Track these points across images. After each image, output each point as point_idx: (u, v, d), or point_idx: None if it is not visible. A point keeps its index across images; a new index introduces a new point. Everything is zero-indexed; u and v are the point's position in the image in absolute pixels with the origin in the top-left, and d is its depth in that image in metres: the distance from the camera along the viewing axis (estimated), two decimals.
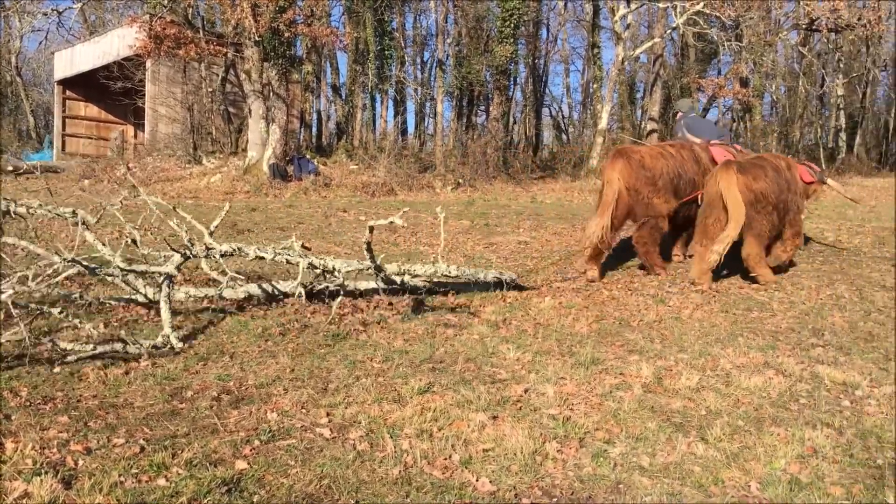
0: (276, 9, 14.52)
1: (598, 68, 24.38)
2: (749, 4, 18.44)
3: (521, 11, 20.86)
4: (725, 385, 4.42)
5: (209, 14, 23.75)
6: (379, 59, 24.19)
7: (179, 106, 20.07)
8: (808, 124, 29.17)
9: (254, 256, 5.69)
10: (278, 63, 15.88)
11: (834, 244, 9.40)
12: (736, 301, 6.62)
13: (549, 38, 33.41)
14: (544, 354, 4.95)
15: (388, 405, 3.98)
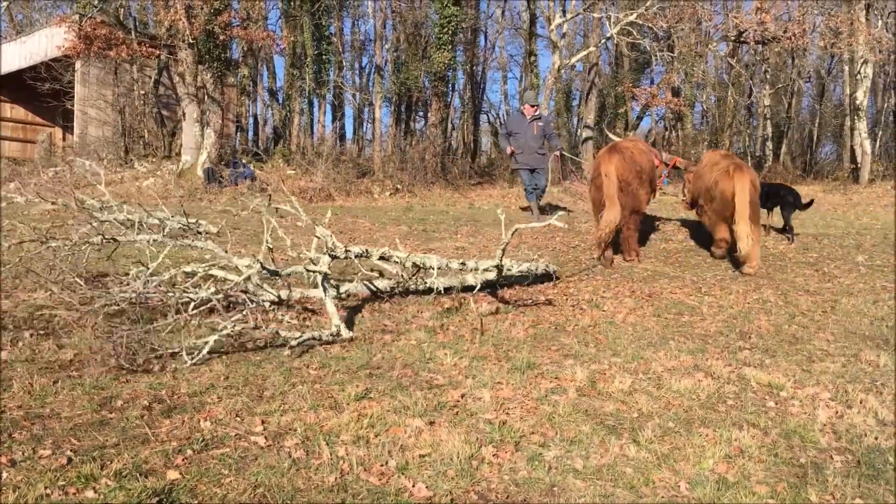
0: (212, 11, 14.32)
1: (534, 76, 24.66)
2: (680, 16, 18.89)
3: (459, 18, 20.98)
4: (657, 388, 4.52)
5: (142, 15, 23.28)
6: (317, 63, 24.03)
7: (110, 108, 19.60)
8: (737, 133, 29.99)
9: (378, 257, 6.14)
10: (213, 66, 15.65)
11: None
12: (667, 305, 6.78)
13: (486, 45, 33.67)
14: (481, 359, 4.99)
15: (324, 412, 3.96)
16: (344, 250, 5.95)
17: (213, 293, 5.30)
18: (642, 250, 9.24)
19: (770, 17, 18.40)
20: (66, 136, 24.30)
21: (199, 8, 14.03)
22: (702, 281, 7.84)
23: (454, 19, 20.53)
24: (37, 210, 10.54)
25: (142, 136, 19.94)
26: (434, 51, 21.30)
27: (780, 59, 27.17)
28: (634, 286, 7.45)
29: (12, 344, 4.87)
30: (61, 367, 4.53)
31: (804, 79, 29.05)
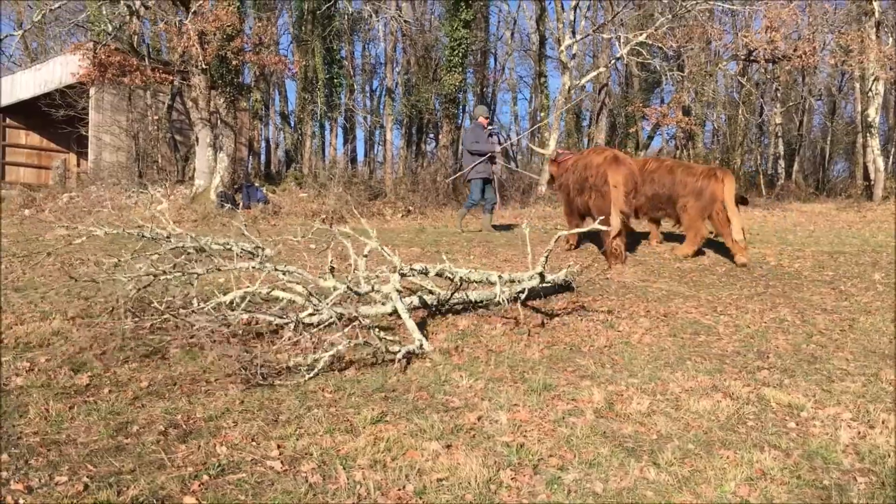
0: (224, 37, 14.45)
1: (545, 97, 24.74)
2: (690, 35, 18.93)
3: (469, 41, 21.12)
4: (675, 409, 4.47)
5: (154, 42, 23.55)
6: (328, 87, 24.21)
7: (124, 134, 19.77)
8: (749, 151, 29.96)
9: (434, 273, 6.50)
10: (226, 91, 15.78)
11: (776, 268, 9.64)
12: (683, 325, 6.73)
13: (496, 67, 33.87)
14: (497, 381, 4.95)
15: (340, 436, 3.94)
16: (409, 269, 6.27)
17: (335, 314, 5.47)
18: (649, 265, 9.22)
19: (780, 36, 18.40)
20: (80, 161, 24.50)
21: (212, 34, 14.16)
22: (717, 300, 7.79)
23: (464, 42, 20.67)
24: (51, 235, 10.61)
25: (155, 161, 20.09)
26: (444, 73, 21.42)
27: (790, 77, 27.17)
28: (649, 306, 7.40)
29: (29, 370, 4.88)
30: (77, 392, 4.53)
31: (815, 97, 29.05)
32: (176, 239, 6.32)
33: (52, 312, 6.31)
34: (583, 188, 9.75)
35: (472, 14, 21.12)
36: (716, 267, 9.64)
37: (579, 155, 10.74)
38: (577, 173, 9.99)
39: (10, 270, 8.08)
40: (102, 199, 15.54)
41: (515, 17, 34.33)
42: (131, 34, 16.99)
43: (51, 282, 7.61)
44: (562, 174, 10.84)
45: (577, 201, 10.06)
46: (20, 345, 5.44)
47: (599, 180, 9.33)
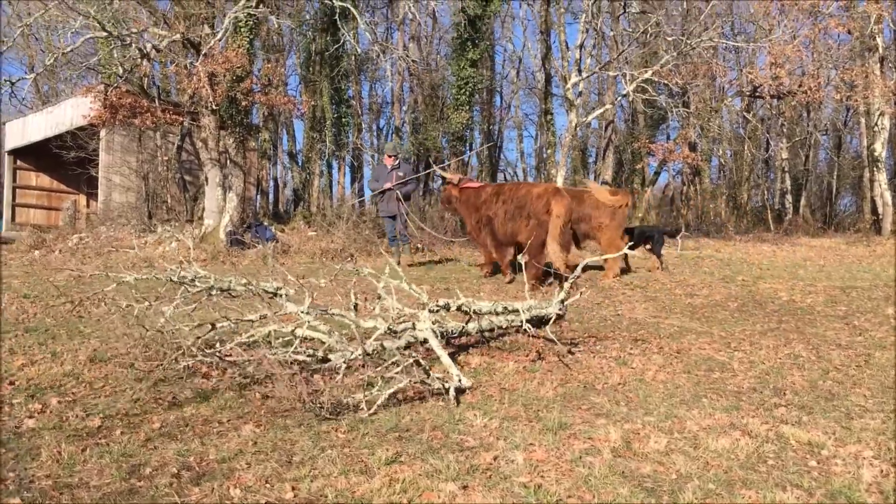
0: (234, 78, 14.61)
1: (551, 134, 24.89)
2: (695, 72, 19.07)
3: (476, 80, 21.30)
4: (694, 447, 4.41)
5: (164, 83, 23.82)
6: (336, 126, 24.41)
7: (134, 175, 19.92)
8: (755, 186, 30.01)
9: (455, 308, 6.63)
10: (235, 131, 15.91)
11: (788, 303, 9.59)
12: (697, 362, 6.67)
13: (502, 104, 34.14)
14: (511, 420, 4.90)
15: (355, 477, 3.89)
16: (435, 305, 6.36)
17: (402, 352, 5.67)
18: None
19: (785, 72, 18.52)
20: (90, 202, 24.66)
21: (222, 75, 14.32)
22: (730, 336, 7.74)
23: (471, 80, 20.86)
24: (62, 276, 10.63)
25: (164, 201, 20.20)
26: (451, 111, 21.59)
27: (795, 112, 27.31)
28: (662, 342, 7.35)
29: (40, 412, 4.85)
30: (89, 434, 4.50)
31: (821, 131, 29.15)
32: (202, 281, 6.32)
33: (63, 353, 6.29)
34: (515, 216, 10.51)
35: (479, 53, 21.36)
36: (728, 302, 9.59)
37: (496, 186, 11.80)
38: (507, 203, 10.74)
39: (21, 311, 8.08)
40: (112, 240, 15.59)
41: (521, 56, 34.70)
42: (142, 76, 17.19)
43: (92, 324, 7.61)
44: (479, 202, 11.36)
45: (506, 228, 10.74)
46: (31, 386, 5.42)
47: (541, 210, 10.19)
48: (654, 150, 21.91)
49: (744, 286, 10.84)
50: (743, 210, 27.06)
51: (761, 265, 13.81)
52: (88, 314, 8.03)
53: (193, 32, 15.05)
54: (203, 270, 6.53)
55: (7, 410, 4.89)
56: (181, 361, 5.65)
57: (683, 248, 16.79)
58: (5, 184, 24.24)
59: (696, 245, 18.27)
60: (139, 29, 14.90)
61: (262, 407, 5.13)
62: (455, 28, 21.39)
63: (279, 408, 5.12)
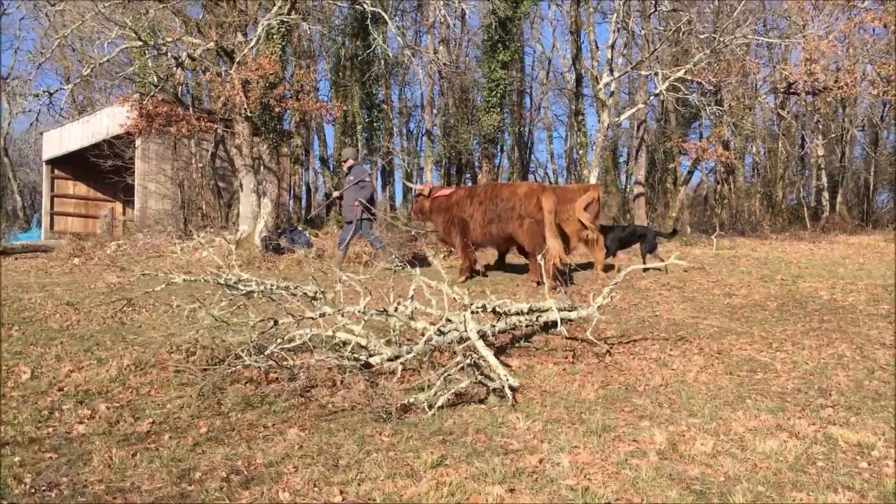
0: (267, 85, 14.72)
1: (582, 135, 24.77)
2: (728, 70, 18.85)
3: (507, 82, 21.28)
4: (741, 449, 4.37)
5: (196, 91, 24.09)
6: (367, 130, 24.51)
7: (170, 182, 20.16)
8: (790, 184, 29.60)
9: (491, 309, 6.60)
10: (269, 137, 16.02)
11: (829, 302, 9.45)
12: (738, 363, 6.61)
13: (532, 106, 34.05)
14: (554, 423, 4.89)
15: (401, 480, 3.90)
16: (476, 306, 6.42)
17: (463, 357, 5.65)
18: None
19: (820, 68, 18.24)
20: (126, 210, 24.98)
21: (256, 82, 14.43)
22: (771, 336, 7.65)
23: (502, 82, 20.85)
24: (103, 283, 10.79)
25: (199, 208, 20.41)
26: (483, 114, 21.58)
27: (830, 108, 26.89)
28: (702, 343, 7.29)
29: (90, 417, 4.94)
30: (138, 439, 4.57)
31: (857, 127, 28.67)
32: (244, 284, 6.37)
33: (108, 359, 6.39)
34: (504, 218, 10.59)
35: (510, 55, 21.33)
36: (767, 302, 9.48)
37: (468, 188, 12.03)
38: (485, 204, 10.83)
39: (65, 318, 8.21)
40: (149, 247, 15.79)
41: (550, 56, 34.60)
42: (176, 85, 17.39)
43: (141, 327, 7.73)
44: (450, 207, 11.41)
45: (489, 229, 10.80)
46: (79, 392, 5.51)
47: (534, 208, 10.32)
48: (687, 148, 21.71)
49: (783, 285, 10.70)
50: (778, 208, 26.70)
51: (799, 264, 13.62)
52: (131, 321, 8.15)
53: (227, 40, 15.20)
54: (245, 274, 6.58)
55: (57, 416, 4.98)
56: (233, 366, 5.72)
57: (719, 248, 16.62)
58: (44, 193, 24.65)
59: (732, 244, 18.05)
60: (174, 38, 15.08)
61: (305, 411, 5.17)
62: (485, 30, 21.39)
63: (323, 412, 5.16)
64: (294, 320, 6.09)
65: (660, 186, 28.94)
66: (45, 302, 8.95)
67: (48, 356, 6.49)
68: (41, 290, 9.88)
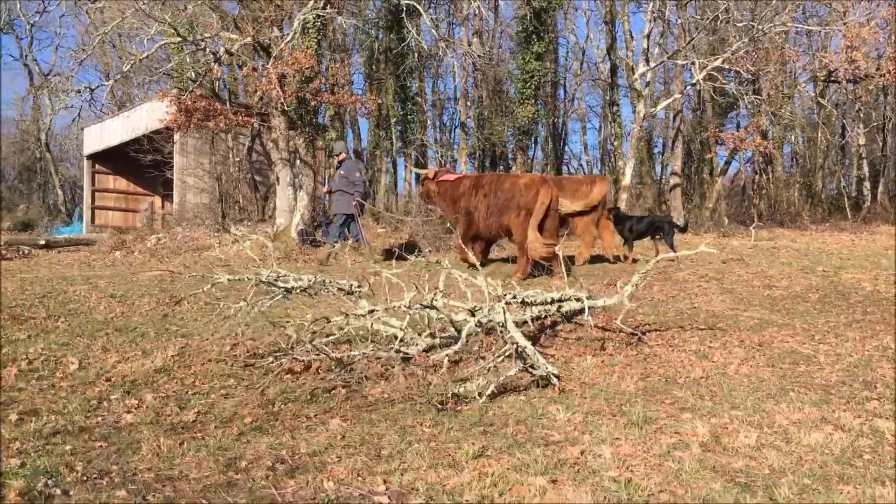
0: (303, 79, 14.82)
1: (617, 125, 24.59)
2: (767, 58, 18.58)
3: (541, 73, 21.19)
4: (786, 442, 4.33)
5: (232, 85, 24.33)
6: (402, 123, 24.57)
7: (207, 176, 20.41)
8: (830, 174, 29.12)
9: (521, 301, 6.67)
10: (305, 131, 16.14)
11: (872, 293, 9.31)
12: (780, 355, 6.54)
13: (566, 97, 33.88)
14: (595, 414, 4.89)
15: (444, 471, 3.93)
16: (511, 297, 6.46)
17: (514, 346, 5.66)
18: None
19: (861, 55, 17.90)
20: (164, 203, 25.35)
21: (292, 76, 14.54)
22: (813, 328, 7.55)
23: (536, 74, 20.77)
24: (145, 276, 10.98)
25: (237, 202, 20.64)
26: (517, 106, 21.53)
27: (871, 96, 26.38)
28: (742, 335, 7.23)
29: (137, 407, 5.04)
30: (184, 428, 4.65)
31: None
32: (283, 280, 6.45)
33: (152, 351, 6.51)
34: (504, 210, 10.56)
35: (544, 46, 21.24)
36: (809, 294, 9.36)
37: (475, 177, 11.81)
38: (489, 196, 10.77)
39: (109, 311, 8.38)
40: (188, 240, 16.00)
41: (584, 47, 34.37)
42: (213, 80, 17.58)
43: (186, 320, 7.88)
44: (457, 195, 11.37)
45: (490, 222, 10.75)
46: (126, 382, 5.63)
47: (531, 200, 10.31)
48: (725, 138, 21.46)
49: (824, 277, 10.56)
50: (818, 198, 26.29)
51: (841, 255, 13.43)
52: (173, 313, 8.29)
53: (263, 35, 15.33)
54: (283, 270, 6.66)
55: (106, 406, 5.09)
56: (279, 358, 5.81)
57: (757, 239, 16.43)
58: (85, 187, 25.11)
59: (771, 235, 17.84)
60: (211, 34, 15.24)
61: (346, 402, 5.23)
62: (520, 21, 21.31)
63: (363, 403, 5.21)
64: (340, 315, 6.17)
65: (696, 177, 28.64)
66: (90, 294, 9.14)
67: (95, 347, 6.64)
68: (85, 282, 10.09)
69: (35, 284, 9.92)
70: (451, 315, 6.18)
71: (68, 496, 3.58)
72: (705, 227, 19.57)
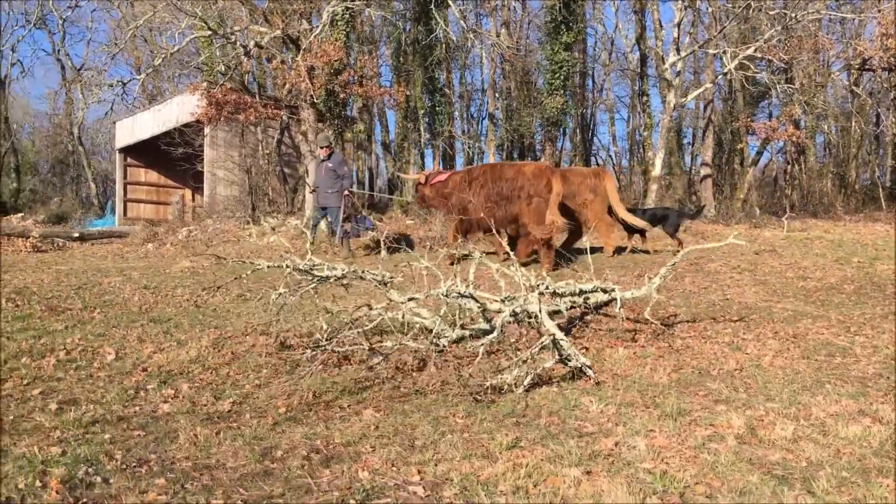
0: (332, 71, 14.89)
1: (647, 116, 24.37)
2: (800, 46, 18.31)
3: (570, 63, 21.06)
4: (823, 435, 4.28)
5: (260, 78, 24.47)
6: (430, 115, 24.55)
7: (237, 168, 20.57)
8: (864, 164, 28.62)
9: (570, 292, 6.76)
10: (334, 123, 16.24)
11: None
12: (815, 347, 6.46)
13: (594, 87, 33.64)
14: (628, 406, 4.86)
15: (478, 461, 3.94)
16: (544, 287, 6.42)
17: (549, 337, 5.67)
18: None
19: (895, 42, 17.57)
20: (195, 196, 25.60)
21: (321, 69, 14.61)
22: (849, 320, 7.45)
23: (565, 64, 20.64)
24: (177, 267, 11.10)
25: (266, 194, 20.79)
26: (546, 97, 21.42)
27: None
28: (776, 327, 7.15)
29: (173, 397, 5.11)
30: (220, 417, 4.71)
31: None
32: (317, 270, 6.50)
33: (187, 341, 6.59)
34: (511, 199, 10.53)
35: (573, 36, 21.10)
36: (844, 285, 9.24)
37: (464, 171, 11.88)
38: (487, 186, 10.76)
39: (143, 302, 8.49)
40: (219, 232, 16.15)
41: (612, 37, 34.09)
42: (242, 73, 17.70)
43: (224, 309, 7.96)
44: (446, 192, 11.41)
45: (495, 212, 10.63)
46: (162, 372, 5.70)
47: (543, 189, 10.37)
48: (756, 128, 21.19)
49: (860, 268, 10.41)
50: (851, 188, 25.86)
51: (876, 246, 13.21)
52: (206, 304, 8.38)
53: (292, 28, 15.41)
54: (318, 259, 6.70)
55: (143, 395, 5.17)
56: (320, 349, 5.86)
57: (790, 230, 16.22)
58: (117, 180, 25.42)
59: (804, 226, 17.60)
60: (241, 27, 15.35)
61: (379, 392, 5.26)
62: (549, 11, 21.16)
63: (395, 394, 5.24)
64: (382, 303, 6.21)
65: (727, 167, 28.30)
66: (124, 285, 9.26)
67: (130, 338, 6.73)
68: (119, 274, 10.22)
69: (70, 276, 10.07)
70: (487, 304, 6.19)
71: (108, 484, 3.64)
72: (736, 218, 19.35)
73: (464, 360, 5.97)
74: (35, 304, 7.87)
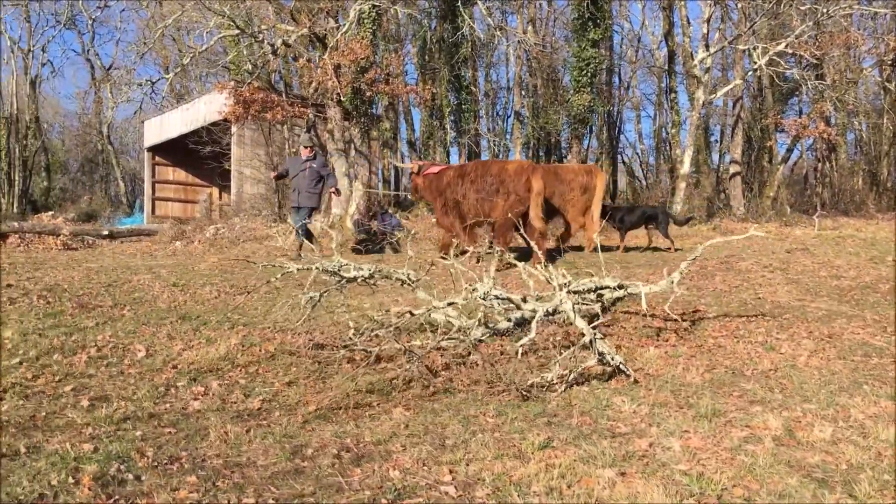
0: (358, 69, 14.89)
1: (675, 113, 24.14)
2: (831, 42, 18.02)
3: (598, 60, 20.90)
4: (862, 437, 4.19)
5: (286, 77, 24.55)
6: (455, 113, 24.49)
7: (264, 167, 20.64)
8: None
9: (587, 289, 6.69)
10: (360, 121, 16.24)
11: None
12: (851, 347, 6.34)
13: (620, 85, 33.39)
14: (661, 406, 4.80)
15: (509, 461, 3.90)
16: (574, 286, 6.48)
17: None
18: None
19: None
20: (222, 195, 25.74)
21: (347, 67, 14.62)
22: (885, 320, 7.31)
23: (592, 61, 20.49)
24: (205, 265, 11.15)
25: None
26: (573, 94, 21.28)
27: None
28: (811, 326, 7.03)
29: (203, 394, 5.11)
30: (250, 415, 4.70)
31: None
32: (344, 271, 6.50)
33: (216, 339, 6.60)
34: (491, 194, 10.58)
35: (600, 33, 20.93)
36: (879, 284, 9.07)
37: (458, 167, 11.92)
38: (476, 182, 10.79)
39: (172, 300, 8.52)
40: (246, 230, 16.21)
41: (639, 34, 33.82)
42: (269, 72, 17.75)
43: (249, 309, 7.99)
44: (442, 186, 11.37)
45: (479, 208, 10.74)
46: (192, 370, 5.71)
47: (521, 187, 10.46)
48: (786, 125, 20.91)
49: (895, 267, 10.21)
50: (883, 186, 25.44)
51: None
52: (234, 302, 8.40)
53: (319, 26, 15.43)
54: (344, 260, 6.69)
55: (173, 392, 5.18)
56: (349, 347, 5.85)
57: (821, 228, 15.99)
58: (146, 178, 25.64)
59: (835, 224, 17.35)
60: (268, 26, 15.40)
61: (408, 391, 5.23)
62: (576, 8, 21.00)
63: (424, 392, 5.21)
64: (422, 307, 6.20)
65: (755, 165, 27.96)
66: (153, 283, 9.30)
67: (160, 335, 6.75)
68: (148, 271, 10.27)
69: (100, 273, 10.14)
70: (522, 305, 6.17)
71: (140, 481, 3.64)
72: (766, 217, 19.11)
73: (493, 358, 5.92)
74: (66, 302, 7.92)
